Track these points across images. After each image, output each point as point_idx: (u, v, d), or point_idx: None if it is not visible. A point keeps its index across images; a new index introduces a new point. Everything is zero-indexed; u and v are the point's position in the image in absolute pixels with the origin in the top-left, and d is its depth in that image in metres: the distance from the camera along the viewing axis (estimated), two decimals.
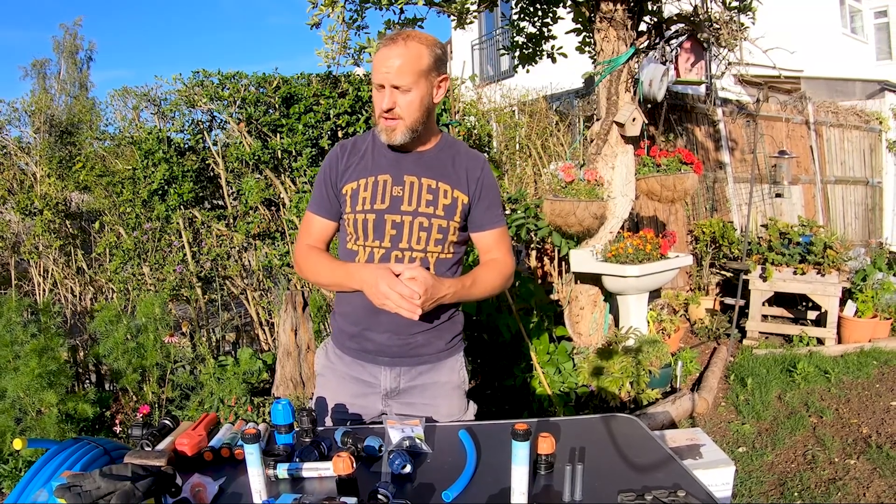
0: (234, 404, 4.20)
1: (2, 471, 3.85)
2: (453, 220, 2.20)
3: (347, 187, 2.20)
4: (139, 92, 5.70)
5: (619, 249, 5.29)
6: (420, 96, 2.06)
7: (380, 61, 2.03)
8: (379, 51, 2.06)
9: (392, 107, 2.05)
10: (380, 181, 2.18)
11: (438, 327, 2.28)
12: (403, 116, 2.07)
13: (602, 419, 2.20)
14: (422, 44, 2.04)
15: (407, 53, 2.01)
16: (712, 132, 8.98)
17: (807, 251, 7.08)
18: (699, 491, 1.66)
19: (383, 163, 2.20)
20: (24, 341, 4.02)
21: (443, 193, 2.19)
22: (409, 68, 2.01)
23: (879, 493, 3.91)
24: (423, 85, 2.06)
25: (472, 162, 2.27)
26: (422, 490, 1.69)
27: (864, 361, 6.30)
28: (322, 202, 2.27)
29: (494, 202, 2.30)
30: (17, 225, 5.69)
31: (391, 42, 2.03)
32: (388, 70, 2.01)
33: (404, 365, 2.26)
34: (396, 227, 2.15)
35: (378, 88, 2.06)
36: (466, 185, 2.23)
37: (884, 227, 12.15)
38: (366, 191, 2.17)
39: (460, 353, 2.41)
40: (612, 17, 5.05)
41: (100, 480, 1.44)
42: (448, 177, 2.22)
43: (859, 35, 16.72)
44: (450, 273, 2.26)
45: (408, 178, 2.18)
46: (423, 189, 2.18)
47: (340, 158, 2.24)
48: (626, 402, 4.99)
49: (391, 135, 2.09)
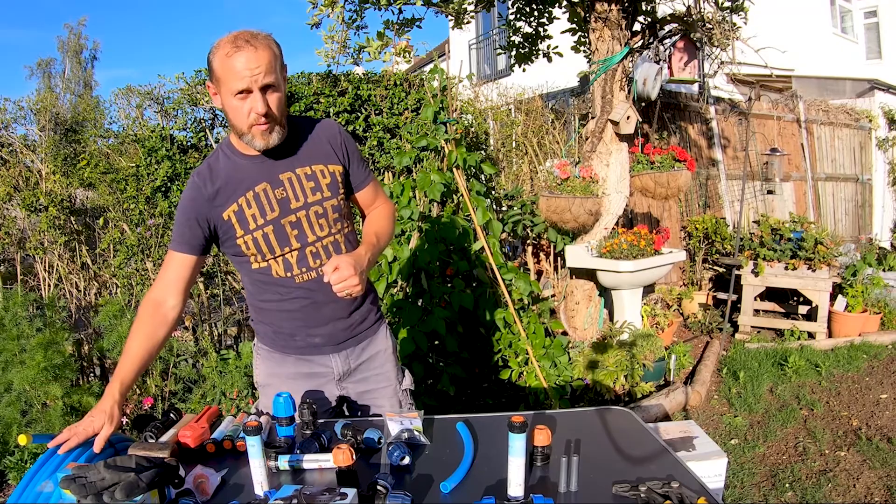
0: (235, 397, 4.20)
1: (8, 463, 3.84)
2: (339, 194, 2.19)
3: (227, 213, 2.07)
4: (143, 90, 5.68)
5: (614, 245, 5.30)
6: (284, 91, 2.02)
7: (236, 69, 1.87)
8: (226, 61, 1.89)
9: (268, 109, 1.94)
10: (259, 192, 2.08)
11: (367, 301, 2.34)
12: (277, 116, 1.99)
13: (597, 412, 2.20)
14: (265, 40, 1.93)
15: (262, 52, 1.90)
16: (705, 130, 8.98)
17: (798, 247, 7.08)
18: (692, 482, 1.66)
19: (252, 174, 2.09)
20: (30, 335, 4.02)
21: (321, 174, 2.15)
22: (271, 66, 1.91)
23: (869, 485, 3.92)
24: (282, 79, 2.02)
25: (328, 130, 2.22)
26: (420, 481, 1.70)
27: (854, 355, 6.31)
28: (184, 237, 2.09)
29: (358, 159, 2.29)
30: (22, 221, 5.68)
31: (237, 50, 1.87)
32: (253, 73, 1.87)
33: (349, 346, 2.30)
34: (296, 227, 2.12)
35: (241, 96, 1.91)
36: (335, 156, 2.20)
37: (873, 224, 12.15)
38: (250, 207, 2.07)
39: (384, 318, 2.49)
40: (607, 17, 5.05)
41: (104, 472, 1.45)
42: (316, 156, 2.16)
43: (849, 35, 16.71)
44: (354, 239, 2.31)
45: (284, 176, 2.10)
46: (303, 179, 2.12)
47: (202, 189, 2.07)
48: (621, 395, 4.99)
49: (269, 138, 2.00)
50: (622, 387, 4.97)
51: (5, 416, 3.84)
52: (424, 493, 1.63)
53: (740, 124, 9.42)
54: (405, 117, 5.63)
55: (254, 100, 1.91)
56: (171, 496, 1.54)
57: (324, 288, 2.04)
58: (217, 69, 1.91)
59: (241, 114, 1.94)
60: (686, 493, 1.56)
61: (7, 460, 3.85)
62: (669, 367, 5.50)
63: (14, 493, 1.64)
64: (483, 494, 1.57)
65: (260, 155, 2.08)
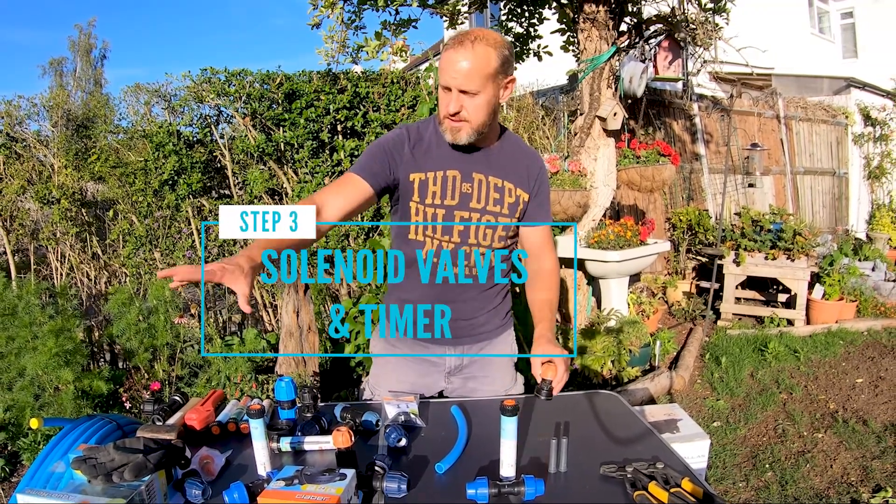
0: (239, 381, 4.19)
1: (22, 444, 3.84)
2: (515, 217, 2.13)
3: (414, 176, 2.04)
4: (151, 88, 5.65)
5: (602, 236, 5.30)
6: (487, 99, 1.93)
7: (448, 64, 1.88)
8: (446, 52, 1.90)
9: (458, 110, 1.92)
10: (449, 176, 2.05)
11: (496, 307, 2.26)
12: (470, 119, 1.94)
13: (585, 395, 2.20)
14: (489, 46, 1.88)
15: (475, 57, 1.86)
16: (689, 126, 8.98)
17: (777, 238, 7.09)
18: (677, 463, 1.67)
19: (451, 158, 2.07)
20: (43, 322, 4.00)
21: (508, 192, 2.11)
22: (476, 73, 1.86)
23: (846, 465, 3.93)
24: (490, 88, 1.92)
25: (532, 160, 2.19)
26: (416, 462, 1.70)
27: (831, 341, 6.33)
28: (372, 169, 2.02)
29: (545, 200, 2.23)
30: (36, 213, 5.66)
31: (459, 45, 1.87)
32: (455, 74, 1.87)
33: (467, 343, 2.23)
34: (465, 224, 2.08)
35: (445, 90, 1.92)
36: (528, 183, 2.15)
37: (850, 215, 12.19)
38: (435, 185, 2.04)
39: (511, 327, 2.39)
40: (595, 18, 5.03)
41: (114, 453, 1.44)
42: (512, 175, 2.12)
43: (826, 35, 16.70)
44: (503, 261, 2.21)
45: (476, 176, 2.08)
46: (491, 187, 2.09)
47: (405, 143, 2.06)
48: (608, 379, 5.00)
49: (457, 135, 1.97)
50: (609, 371, 4.97)
51: (19, 399, 3.83)
52: (420, 474, 1.62)
53: (722, 120, 9.42)
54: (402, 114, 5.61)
55: (450, 98, 1.91)
56: (178, 476, 1.54)
57: (457, 286, 2.11)
58: (441, 60, 1.94)
59: (442, 104, 1.96)
60: (670, 473, 1.56)
61: (21, 442, 3.85)
62: (654, 353, 5.50)
63: (27, 473, 1.64)
64: (476, 475, 1.57)
65: (464, 147, 2.05)
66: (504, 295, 2.30)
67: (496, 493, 1.50)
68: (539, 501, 1.50)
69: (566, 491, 1.57)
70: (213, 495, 1.52)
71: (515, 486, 1.51)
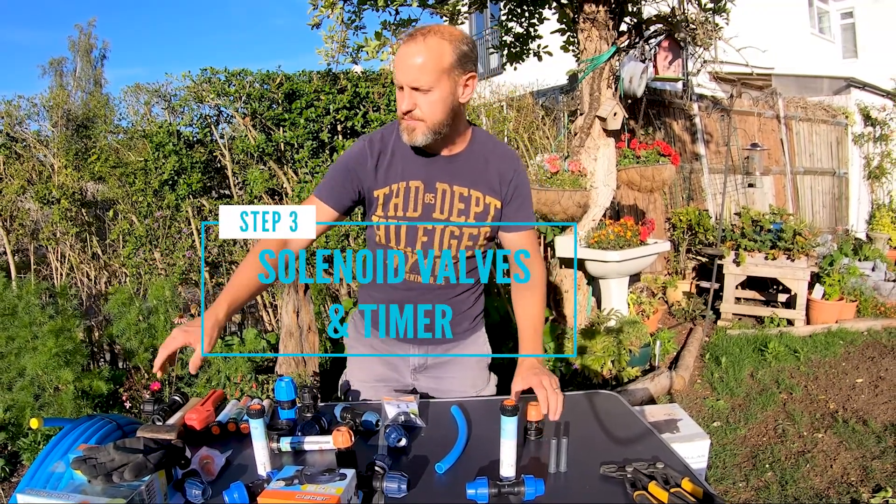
0: (239, 381, 4.20)
1: (22, 444, 3.84)
2: (484, 226, 2.06)
3: (378, 192, 2.00)
4: (151, 88, 5.66)
5: (602, 236, 5.30)
6: (442, 96, 1.82)
7: (399, 60, 1.80)
8: (399, 49, 1.82)
9: (411, 108, 1.83)
10: (412, 188, 1.98)
11: (465, 311, 2.23)
12: (424, 118, 1.84)
13: (586, 395, 2.20)
14: (444, 39, 1.79)
15: (427, 51, 1.77)
16: (689, 126, 8.97)
17: (777, 238, 7.09)
18: (677, 463, 1.67)
19: (414, 167, 1.99)
20: (43, 322, 4.00)
21: (475, 201, 2.02)
22: (428, 67, 1.77)
23: (846, 465, 3.93)
24: (445, 84, 1.81)
25: (505, 164, 2.06)
26: (416, 462, 1.70)
27: (831, 341, 6.32)
28: (333, 190, 2.00)
29: (526, 202, 2.11)
30: (36, 213, 5.67)
31: (410, 39, 1.79)
32: (406, 70, 1.78)
33: (431, 343, 2.23)
34: (428, 234, 2.03)
35: (399, 88, 1.84)
36: (499, 189, 2.05)
37: (850, 215, 12.18)
38: (397, 196, 1.99)
39: (482, 329, 2.36)
40: (595, 18, 5.03)
41: (114, 453, 1.44)
42: (480, 183, 2.03)
43: (826, 35, 16.71)
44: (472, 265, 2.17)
45: (440, 186, 2.00)
46: (455, 197, 2.00)
47: (367, 160, 1.99)
48: (608, 379, 5.00)
49: (411, 135, 1.87)
50: (609, 371, 4.97)
51: (19, 399, 3.83)
52: (420, 474, 1.62)
53: (722, 120, 9.42)
54: None
55: (403, 96, 1.84)
56: (178, 476, 1.54)
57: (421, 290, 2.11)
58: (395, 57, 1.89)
59: (397, 103, 1.88)
60: (670, 473, 1.56)
61: (21, 442, 3.84)
62: (654, 353, 5.50)
63: (27, 473, 1.64)
64: (476, 475, 1.57)
65: (428, 153, 1.99)
66: (476, 297, 2.28)
67: (496, 493, 1.50)
68: (539, 501, 1.50)
69: (566, 491, 1.57)
70: (213, 495, 1.52)
71: (515, 486, 1.50)
